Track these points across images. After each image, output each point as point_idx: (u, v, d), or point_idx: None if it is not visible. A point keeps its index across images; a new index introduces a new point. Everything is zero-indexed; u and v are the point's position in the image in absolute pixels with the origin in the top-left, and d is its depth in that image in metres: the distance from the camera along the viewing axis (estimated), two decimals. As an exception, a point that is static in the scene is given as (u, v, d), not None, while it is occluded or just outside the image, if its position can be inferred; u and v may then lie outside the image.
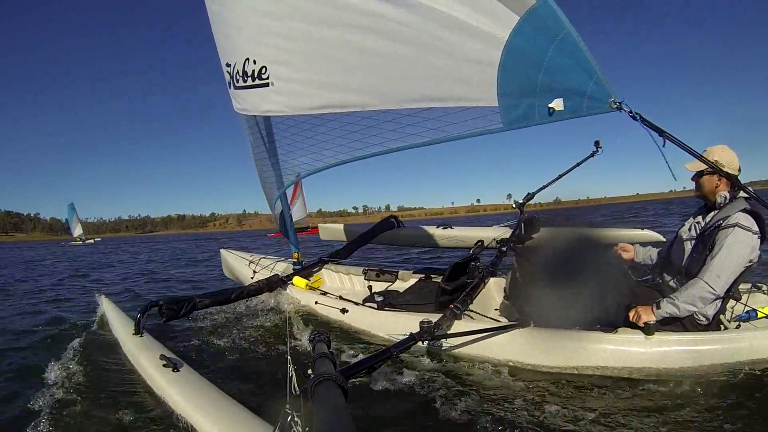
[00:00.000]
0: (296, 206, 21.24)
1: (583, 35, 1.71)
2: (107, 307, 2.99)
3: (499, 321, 2.61)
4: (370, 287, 3.44)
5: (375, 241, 4.43)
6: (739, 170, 2.09)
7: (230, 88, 3.10)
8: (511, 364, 2.13)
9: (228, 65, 3.02)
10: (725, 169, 2.04)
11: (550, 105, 1.80)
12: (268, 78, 2.66)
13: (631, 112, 1.74)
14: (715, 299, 2.02)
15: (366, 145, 2.38)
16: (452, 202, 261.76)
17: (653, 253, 2.51)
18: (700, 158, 2.00)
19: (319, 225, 5.25)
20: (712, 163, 2.01)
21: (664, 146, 1.79)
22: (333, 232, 5.03)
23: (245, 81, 2.83)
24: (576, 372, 2.01)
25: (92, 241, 43.61)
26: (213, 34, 3.11)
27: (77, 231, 42.36)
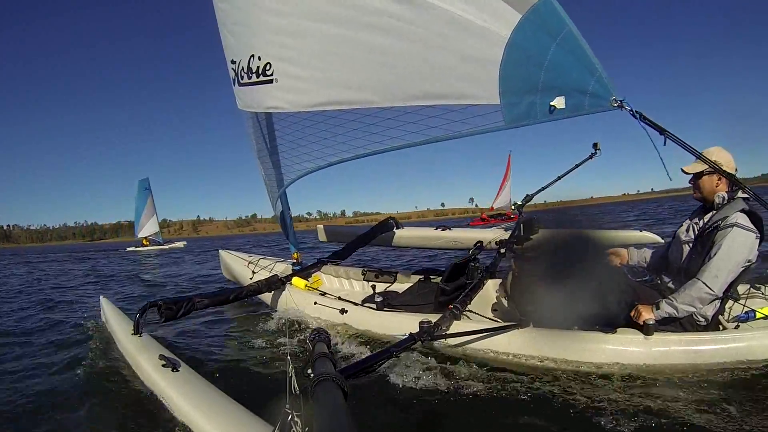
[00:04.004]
0: (504, 192, 23.85)
1: (583, 32, 1.72)
2: (106, 308, 2.98)
3: (498, 321, 2.60)
4: (369, 288, 3.44)
5: (374, 243, 4.43)
6: (736, 170, 2.10)
7: (234, 85, 3.12)
8: (510, 364, 2.13)
9: (233, 62, 3.04)
10: (724, 169, 2.04)
11: (551, 103, 1.81)
12: (272, 74, 2.67)
13: (632, 110, 1.74)
14: (713, 300, 2.02)
15: (367, 143, 2.38)
16: (416, 207, 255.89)
17: (647, 254, 2.51)
18: (702, 158, 2.00)
19: (318, 226, 5.23)
20: (713, 162, 2.02)
21: (665, 145, 1.80)
22: (332, 233, 5.01)
23: (249, 77, 2.85)
24: (575, 372, 2.01)
25: (182, 244, 26.42)
26: (219, 31, 3.12)
27: (148, 229, 26.36)
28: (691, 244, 2.16)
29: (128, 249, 24.93)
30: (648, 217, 16.41)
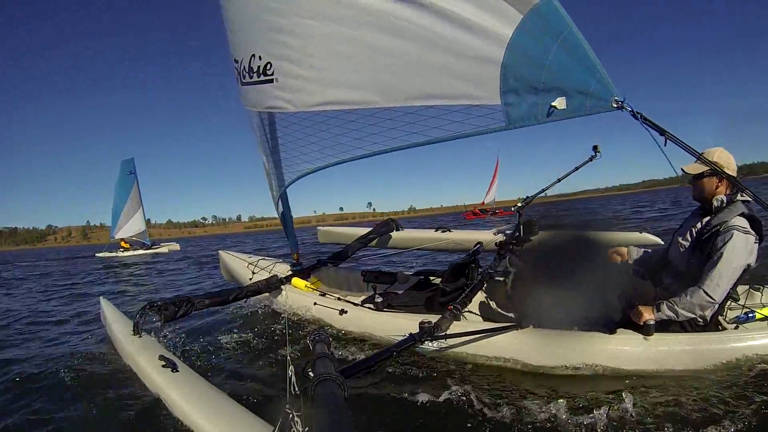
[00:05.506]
0: (492, 190, 30.29)
1: (585, 33, 1.72)
2: (106, 308, 2.97)
3: (497, 322, 2.60)
4: (368, 288, 3.43)
5: (373, 245, 4.42)
6: (736, 171, 2.09)
7: (238, 84, 3.12)
8: (509, 365, 2.13)
9: (236, 61, 3.04)
10: (725, 171, 2.03)
11: (552, 103, 1.81)
12: (272, 74, 2.67)
13: (632, 111, 1.74)
14: (714, 305, 2.02)
15: (368, 143, 2.38)
16: (314, 211, 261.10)
17: (648, 254, 2.51)
18: (702, 160, 1.99)
19: (318, 228, 5.23)
20: (713, 164, 2.01)
21: (665, 146, 1.80)
22: (332, 234, 5.01)
23: (251, 77, 2.86)
24: (575, 373, 2.01)
25: (176, 246, 20.43)
26: (226, 29, 3.13)
27: (131, 228, 19.58)
28: (689, 248, 2.16)
29: (98, 255, 18.75)
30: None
